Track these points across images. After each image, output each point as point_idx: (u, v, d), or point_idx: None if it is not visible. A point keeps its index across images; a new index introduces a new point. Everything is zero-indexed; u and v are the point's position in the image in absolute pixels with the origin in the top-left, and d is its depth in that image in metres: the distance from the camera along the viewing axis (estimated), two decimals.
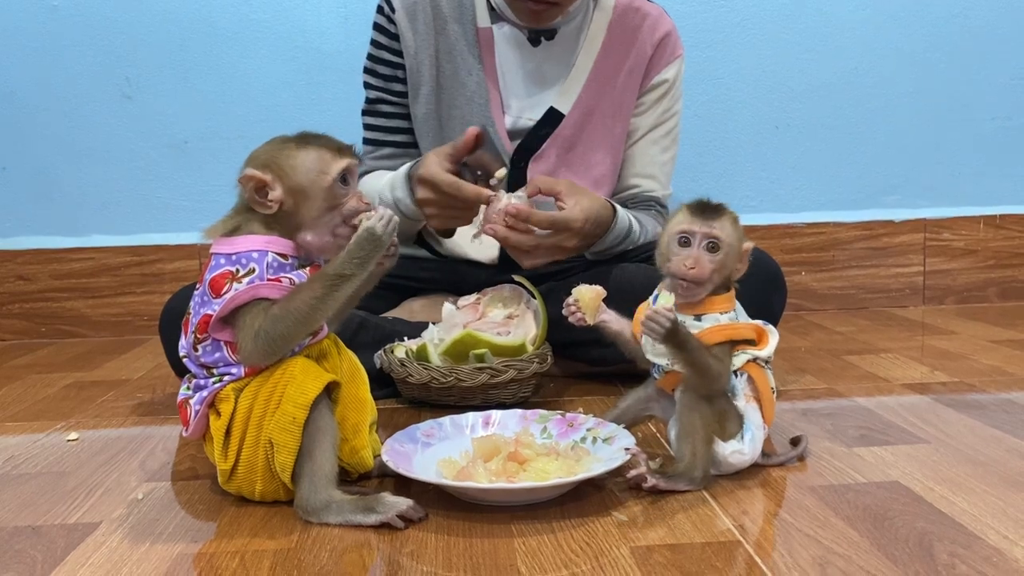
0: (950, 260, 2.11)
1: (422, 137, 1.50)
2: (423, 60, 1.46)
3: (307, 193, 0.91)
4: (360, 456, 0.97)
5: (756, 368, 0.98)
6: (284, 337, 0.88)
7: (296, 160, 0.91)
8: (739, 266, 0.98)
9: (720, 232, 0.95)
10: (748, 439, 0.96)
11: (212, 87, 1.99)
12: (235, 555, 0.82)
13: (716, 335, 0.95)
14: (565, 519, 0.88)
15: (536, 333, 1.33)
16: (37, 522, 0.93)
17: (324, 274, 0.89)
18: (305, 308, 0.88)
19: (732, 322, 0.97)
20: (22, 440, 1.23)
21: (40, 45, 1.96)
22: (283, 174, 0.91)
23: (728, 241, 0.96)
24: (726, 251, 0.96)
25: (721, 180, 2.06)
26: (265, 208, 0.90)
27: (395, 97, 1.50)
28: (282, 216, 0.92)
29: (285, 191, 0.91)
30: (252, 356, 0.89)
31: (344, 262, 0.89)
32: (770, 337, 0.99)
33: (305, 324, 0.89)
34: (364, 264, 0.89)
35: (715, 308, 0.97)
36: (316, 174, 0.91)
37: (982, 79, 2.07)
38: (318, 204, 0.92)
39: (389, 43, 1.48)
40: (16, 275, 2.01)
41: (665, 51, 1.50)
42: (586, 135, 1.48)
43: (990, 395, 1.31)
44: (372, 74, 1.50)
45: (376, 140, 1.52)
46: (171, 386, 1.50)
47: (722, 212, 0.97)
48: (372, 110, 1.52)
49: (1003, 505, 0.89)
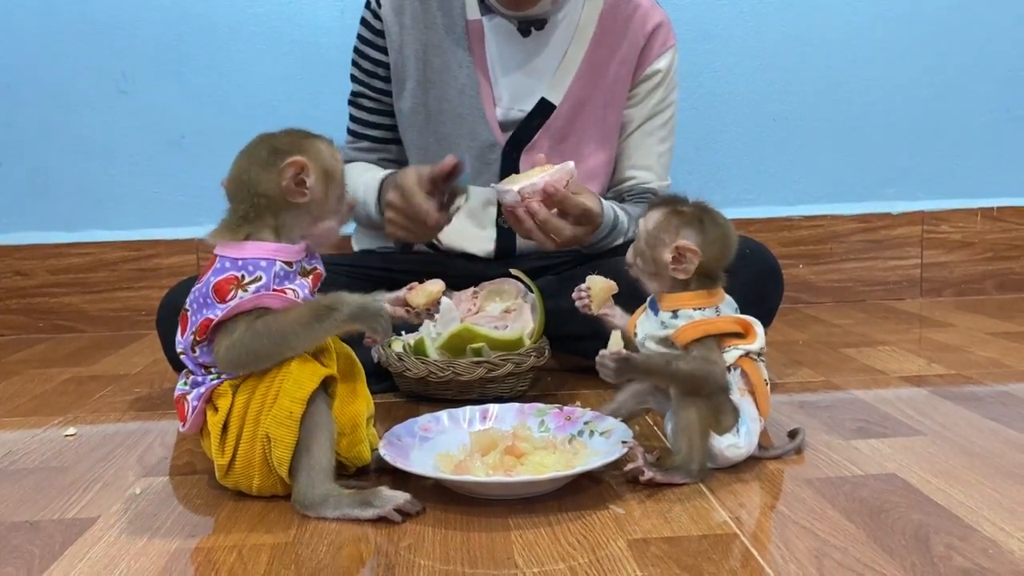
0: (948, 252, 2.11)
1: (408, 132, 1.50)
2: (409, 55, 1.46)
3: (333, 178, 0.94)
4: (357, 450, 0.97)
5: (749, 362, 0.98)
6: (258, 354, 0.89)
7: (316, 147, 0.93)
8: (668, 259, 0.96)
9: (643, 220, 1.00)
10: (744, 432, 0.96)
11: (208, 82, 1.98)
12: (233, 549, 0.82)
13: (690, 332, 0.96)
14: (562, 512, 0.88)
15: (534, 327, 1.33)
16: (35, 517, 0.93)
17: (316, 302, 0.91)
18: (287, 330, 0.88)
19: (706, 318, 0.97)
20: (20, 435, 1.23)
21: (36, 39, 1.95)
22: (315, 159, 0.92)
23: (643, 229, 0.99)
24: (641, 238, 1.00)
25: (719, 173, 2.06)
26: (300, 197, 0.91)
27: (375, 93, 1.51)
28: (304, 212, 0.92)
29: (318, 177, 0.92)
30: (223, 362, 0.90)
31: (341, 300, 0.90)
32: (755, 328, 0.99)
33: (281, 345, 0.89)
34: (353, 317, 0.91)
35: (688, 304, 0.97)
36: (333, 159, 0.94)
37: (980, 72, 2.07)
38: (338, 190, 0.95)
39: (373, 39, 1.49)
40: (13, 270, 2.00)
41: (657, 41, 1.49)
42: (578, 126, 1.48)
43: (987, 387, 1.31)
44: (356, 67, 1.53)
45: (357, 132, 1.55)
46: (169, 381, 1.50)
47: (661, 205, 1.00)
48: (355, 102, 1.54)
49: (999, 497, 0.89)
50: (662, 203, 1.00)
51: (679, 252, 0.96)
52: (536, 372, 1.33)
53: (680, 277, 0.97)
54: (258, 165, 0.91)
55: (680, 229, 0.97)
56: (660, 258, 0.97)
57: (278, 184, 0.90)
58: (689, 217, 0.97)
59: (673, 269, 0.97)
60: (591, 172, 1.49)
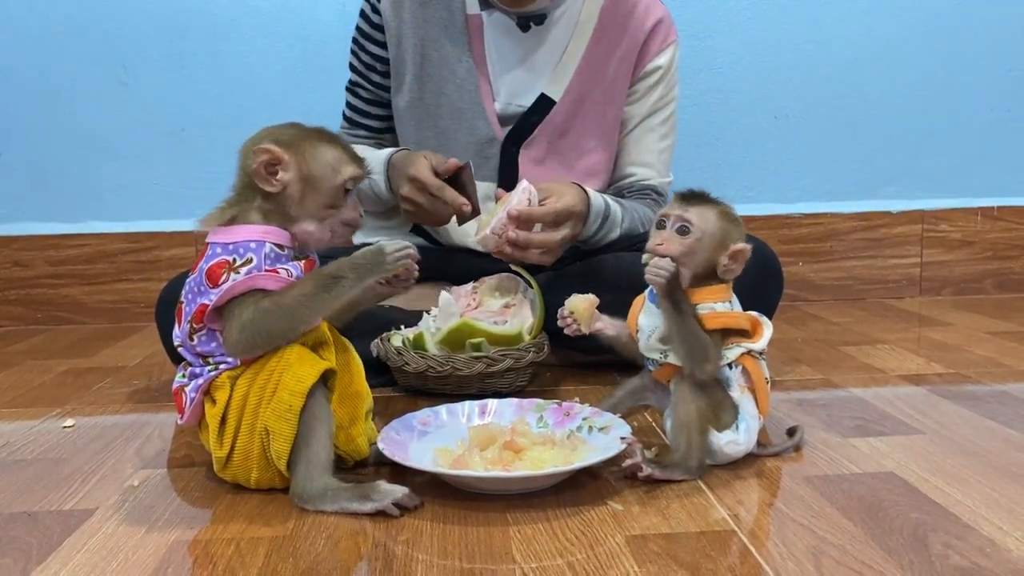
0: (947, 251, 2.11)
1: (405, 127, 1.50)
2: (407, 48, 1.46)
3: (317, 186, 0.92)
4: (356, 444, 0.97)
5: (750, 360, 0.98)
6: (270, 332, 0.89)
7: (318, 151, 0.92)
8: (727, 263, 0.97)
9: (693, 216, 0.96)
10: (743, 429, 0.96)
11: (209, 75, 1.98)
12: (231, 542, 0.82)
13: (711, 322, 0.95)
14: (561, 508, 0.88)
15: (533, 322, 1.33)
16: (33, 508, 0.93)
17: (319, 273, 0.90)
18: (294, 304, 0.88)
19: (727, 311, 0.97)
20: (18, 426, 1.23)
21: (36, 30, 1.95)
22: (302, 159, 0.91)
23: (703, 227, 0.96)
24: (698, 236, 0.96)
25: (719, 170, 2.06)
26: (268, 185, 0.90)
27: (372, 85, 1.53)
28: (281, 203, 0.92)
29: (297, 176, 0.91)
30: (236, 347, 0.89)
31: (342, 266, 0.90)
32: (764, 329, 0.99)
33: (292, 321, 0.89)
34: (361, 275, 0.90)
35: (709, 297, 0.97)
36: (331, 171, 0.93)
37: (981, 70, 2.07)
38: (322, 200, 0.93)
39: (372, 32, 1.49)
40: (12, 261, 2.00)
41: (658, 37, 1.49)
42: (577, 122, 1.47)
43: (985, 387, 1.31)
44: (355, 57, 1.53)
45: (352, 119, 1.56)
46: (167, 373, 1.50)
47: (705, 200, 0.98)
48: (352, 90, 1.56)
49: (997, 496, 0.89)
50: (704, 200, 0.98)
51: (736, 255, 0.96)
52: (535, 368, 1.33)
53: (729, 278, 0.98)
54: (252, 141, 0.92)
55: (735, 231, 0.97)
56: (713, 259, 0.97)
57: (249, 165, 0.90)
58: (735, 218, 0.98)
59: (724, 271, 0.97)
60: (590, 168, 1.49)
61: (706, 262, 0.97)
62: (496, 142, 1.45)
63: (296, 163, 0.91)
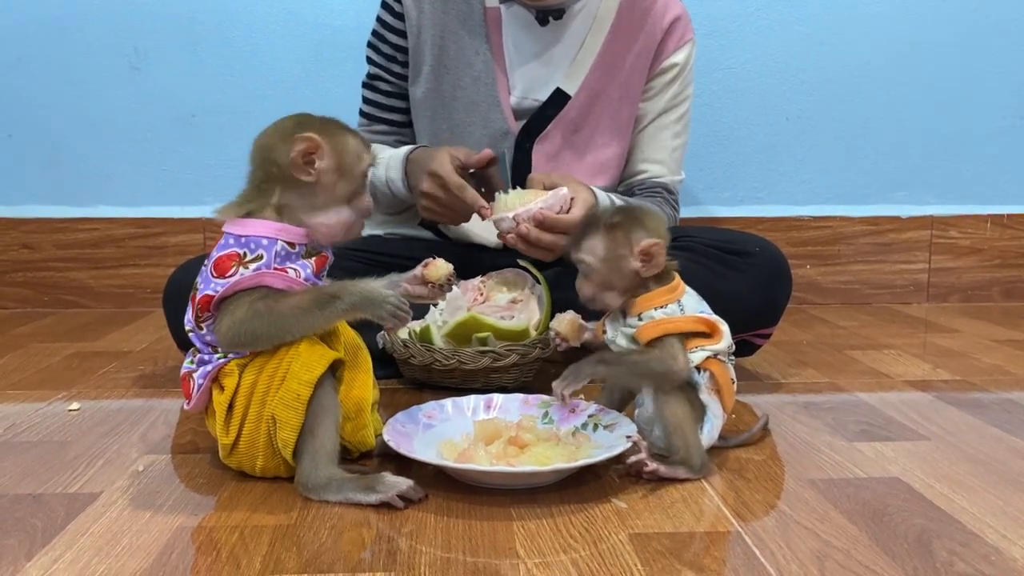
0: (956, 258, 2.11)
1: (420, 118, 1.50)
2: (426, 39, 1.46)
3: (348, 172, 0.93)
4: (362, 435, 0.97)
5: (716, 363, 0.97)
6: (256, 334, 0.89)
7: (345, 139, 0.93)
8: (640, 265, 0.96)
9: (584, 255, 0.99)
10: (707, 429, 0.97)
11: (221, 60, 1.98)
12: (235, 530, 0.83)
13: (650, 331, 0.96)
14: (564, 504, 0.88)
15: (540, 318, 1.32)
16: (38, 490, 0.93)
17: (319, 289, 0.91)
18: (288, 313, 0.88)
19: (668, 316, 0.97)
20: (23, 408, 1.24)
21: (48, 13, 1.95)
22: (336, 148, 0.92)
23: (594, 257, 0.98)
24: (596, 267, 0.98)
25: (729, 170, 2.06)
26: (304, 175, 0.90)
27: (393, 77, 1.51)
28: (308, 194, 0.92)
29: (332, 165, 0.91)
30: (223, 339, 0.90)
31: (344, 288, 0.90)
32: (721, 327, 0.99)
33: (280, 329, 0.89)
34: (356, 306, 0.91)
35: (649, 305, 0.97)
36: (356, 157, 0.94)
37: (995, 77, 2.06)
38: (350, 187, 0.94)
39: (393, 22, 1.48)
40: (20, 243, 2.00)
41: (675, 35, 1.49)
42: (592, 118, 1.47)
43: (991, 394, 1.31)
44: (374, 50, 1.52)
45: (372, 115, 1.54)
46: (173, 359, 1.50)
47: (592, 228, 0.99)
48: (371, 85, 1.54)
49: (1002, 504, 0.89)
50: (590, 228, 0.99)
51: (645, 253, 0.96)
52: (541, 364, 1.33)
53: (655, 272, 0.98)
54: (279, 133, 0.92)
55: (629, 235, 0.97)
56: (627, 270, 0.97)
57: (287, 154, 0.90)
58: (623, 221, 0.98)
59: (645, 271, 0.97)
60: (602, 164, 1.49)
61: (624, 278, 0.98)
62: (511, 135, 1.45)
63: (331, 151, 0.91)
